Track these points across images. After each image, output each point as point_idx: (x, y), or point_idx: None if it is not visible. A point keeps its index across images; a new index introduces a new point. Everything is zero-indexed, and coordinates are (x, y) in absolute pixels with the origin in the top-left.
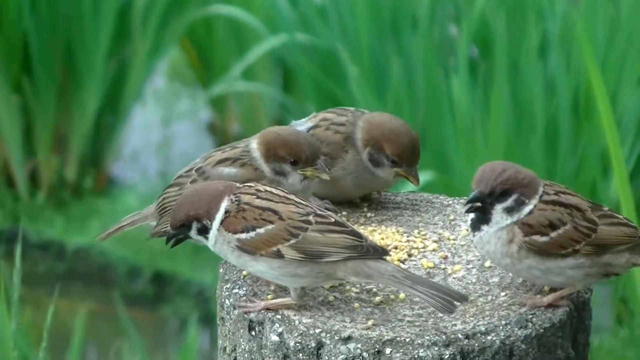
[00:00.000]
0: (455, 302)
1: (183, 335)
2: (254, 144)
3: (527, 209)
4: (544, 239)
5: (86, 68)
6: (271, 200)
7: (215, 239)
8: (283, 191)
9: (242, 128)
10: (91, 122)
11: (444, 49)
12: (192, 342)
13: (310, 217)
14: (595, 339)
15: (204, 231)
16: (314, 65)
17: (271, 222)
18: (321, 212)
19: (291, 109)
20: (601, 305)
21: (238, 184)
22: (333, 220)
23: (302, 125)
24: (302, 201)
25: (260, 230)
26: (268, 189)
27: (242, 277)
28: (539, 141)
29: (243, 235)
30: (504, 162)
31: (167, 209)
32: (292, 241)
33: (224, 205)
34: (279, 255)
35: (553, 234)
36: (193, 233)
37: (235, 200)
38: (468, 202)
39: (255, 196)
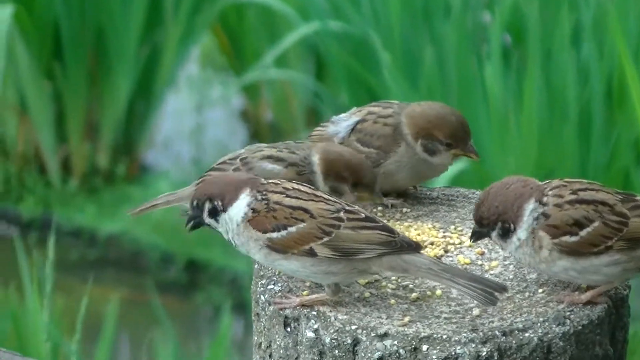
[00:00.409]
0: (496, 294)
1: (216, 324)
2: (315, 157)
3: (519, 232)
4: (574, 238)
5: (117, 54)
6: (300, 199)
7: (237, 233)
8: (310, 188)
9: (275, 116)
10: (123, 109)
11: (477, 36)
12: (226, 331)
13: (342, 214)
14: (632, 328)
15: (214, 213)
16: (346, 52)
17: (302, 221)
18: (350, 208)
19: (324, 97)
20: (638, 294)
21: (263, 180)
22: (364, 216)
23: (345, 120)
24: (330, 197)
25: (292, 229)
26: (295, 186)
27: (277, 272)
28: (572, 129)
29: (274, 235)
30: (495, 187)
31: None
32: (325, 239)
33: (245, 197)
34: (311, 253)
35: (583, 233)
36: (205, 215)
37: (264, 199)
38: (471, 236)
39: (284, 195)
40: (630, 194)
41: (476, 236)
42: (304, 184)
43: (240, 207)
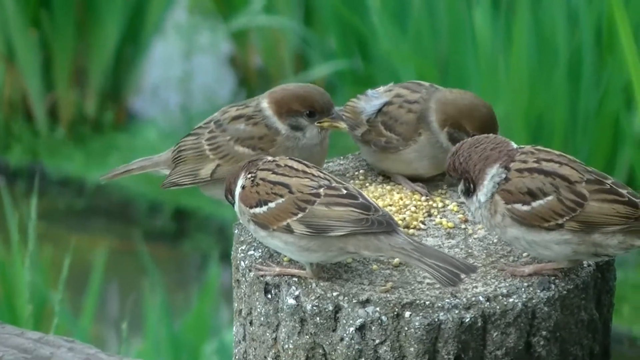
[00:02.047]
0: (461, 274)
1: (204, 272)
2: (264, 103)
3: (479, 194)
4: (525, 208)
5: (105, 1)
6: (286, 175)
7: (239, 212)
8: (304, 164)
9: (264, 62)
10: (111, 56)
11: None
12: (213, 280)
13: (321, 190)
14: (620, 273)
15: (232, 204)
16: None
17: (281, 196)
18: (336, 184)
19: (312, 42)
20: None
21: (266, 159)
22: (344, 192)
23: (377, 97)
24: (320, 174)
25: (272, 205)
26: (289, 163)
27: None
28: (562, 73)
29: (257, 210)
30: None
31: (181, 158)
32: (300, 215)
33: (242, 178)
34: (289, 229)
35: (534, 204)
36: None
37: (251, 176)
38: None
39: (271, 172)
40: (603, 176)
41: (450, 183)
42: (302, 162)
43: (238, 186)
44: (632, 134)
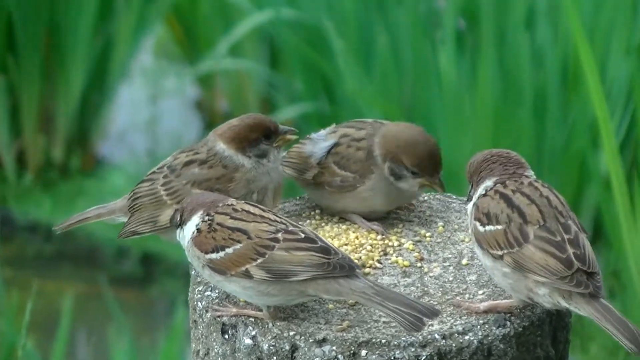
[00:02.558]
0: (424, 319)
1: (171, 316)
2: (220, 145)
3: (471, 202)
4: (480, 228)
5: (71, 46)
6: (244, 220)
7: (191, 255)
8: (261, 209)
9: (230, 105)
10: (77, 101)
11: (431, 21)
12: (180, 324)
13: (279, 235)
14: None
15: (177, 225)
16: (300, 41)
17: (239, 242)
18: (292, 228)
19: (278, 86)
20: None
21: (226, 201)
22: (303, 236)
23: (323, 139)
24: (277, 218)
25: (229, 250)
26: (246, 208)
27: None
28: (528, 112)
29: (214, 255)
30: (485, 152)
31: (138, 205)
32: (259, 260)
33: (197, 218)
34: (247, 275)
35: (487, 227)
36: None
37: (209, 220)
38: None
39: (229, 216)
40: (567, 228)
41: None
42: (258, 206)
43: (191, 227)
44: (599, 172)
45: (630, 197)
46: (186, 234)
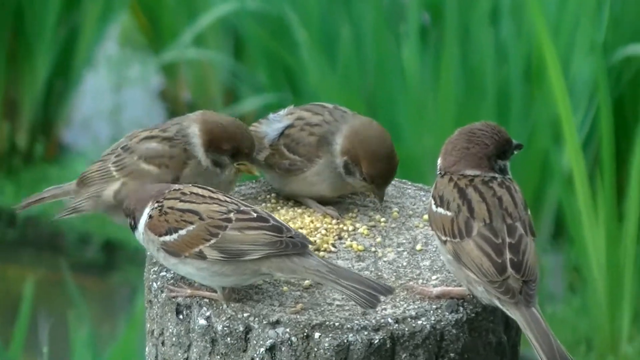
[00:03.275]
0: (379, 296)
1: (132, 303)
2: (194, 129)
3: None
4: (433, 207)
5: (36, 34)
6: (194, 202)
7: (143, 239)
8: (210, 190)
9: (193, 95)
10: (42, 88)
11: (395, 15)
12: (141, 310)
13: (231, 215)
14: (548, 307)
15: (133, 228)
16: (264, 32)
17: (192, 223)
18: (244, 208)
19: (242, 76)
20: (554, 274)
21: (171, 187)
22: (255, 215)
23: (279, 121)
24: (227, 198)
25: (182, 232)
26: (194, 190)
27: None
28: (490, 108)
29: (167, 238)
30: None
31: (86, 181)
32: (213, 241)
33: (147, 209)
34: (201, 256)
35: (438, 209)
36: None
37: (159, 205)
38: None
39: (178, 200)
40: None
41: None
42: (206, 188)
43: (144, 218)
44: (561, 170)
45: (592, 194)
46: (140, 227)
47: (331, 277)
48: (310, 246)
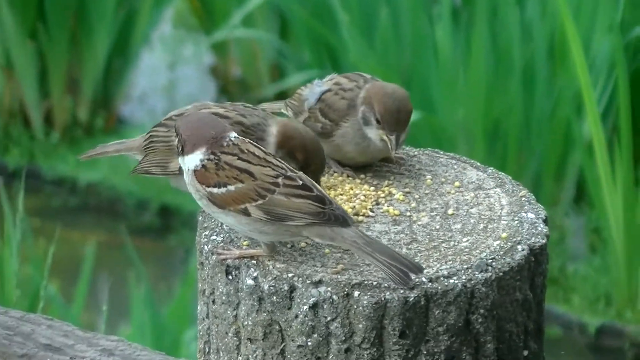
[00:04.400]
0: (411, 275)
1: (186, 265)
2: (273, 129)
3: None
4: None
5: (97, 15)
6: (250, 162)
7: (188, 179)
8: (266, 152)
9: (242, 72)
10: (102, 66)
11: None
12: (194, 271)
13: (279, 180)
14: (571, 266)
15: (178, 153)
16: (307, 13)
17: (242, 182)
18: (291, 174)
19: (287, 54)
20: (576, 235)
21: (231, 136)
22: (301, 183)
23: (320, 86)
24: (279, 163)
25: (231, 188)
26: (252, 149)
27: (219, 224)
28: (517, 83)
29: (215, 190)
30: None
31: (152, 148)
32: (259, 202)
33: (199, 154)
34: (245, 213)
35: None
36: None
37: (215, 159)
38: None
39: (236, 157)
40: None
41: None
42: (260, 147)
43: (194, 159)
44: (582, 138)
45: (610, 160)
46: (187, 163)
47: (367, 249)
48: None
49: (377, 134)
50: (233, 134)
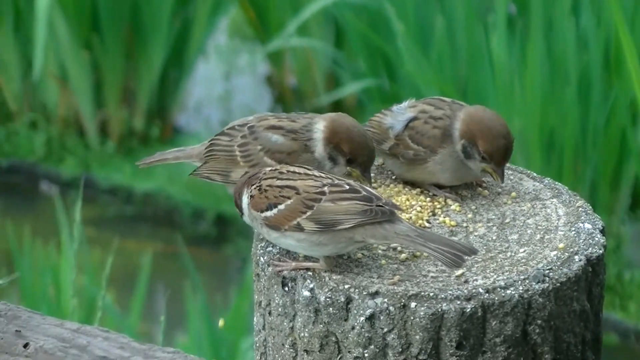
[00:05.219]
0: (464, 256)
1: (243, 274)
2: (320, 125)
3: None
4: None
5: (152, 26)
6: (291, 179)
7: (249, 219)
8: (305, 168)
9: (298, 81)
10: (157, 76)
11: (484, 6)
12: (250, 281)
13: (325, 188)
14: (627, 274)
15: (241, 215)
16: (362, 22)
17: (289, 198)
18: (338, 182)
19: (342, 63)
20: (632, 242)
21: (264, 170)
22: (347, 187)
23: (403, 113)
24: (322, 174)
25: (281, 207)
26: (290, 169)
27: None
28: (572, 93)
29: (268, 213)
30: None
31: (214, 156)
32: (309, 213)
33: (246, 193)
34: (299, 228)
35: None
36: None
37: (256, 187)
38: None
39: (275, 178)
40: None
41: None
42: (302, 166)
43: (245, 201)
44: (638, 147)
45: None
46: (244, 209)
47: (419, 240)
48: (398, 212)
49: (481, 167)
50: (268, 168)
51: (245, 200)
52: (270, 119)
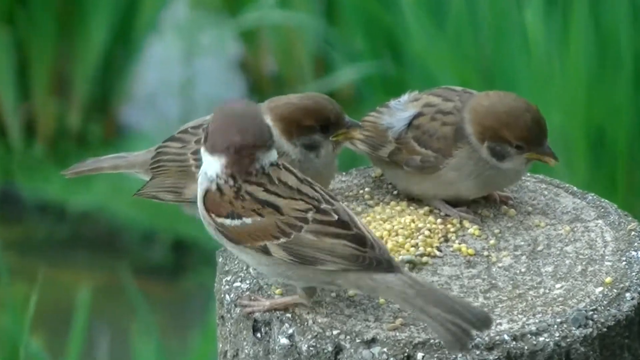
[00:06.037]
0: (471, 331)
1: (206, 313)
2: (267, 121)
3: None
4: None
5: None
6: (278, 195)
7: (199, 211)
8: (302, 180)
9: (278, 65)
10: (98, 59)
11: None
12: (215, 324)
13: (309, 215)
14: None
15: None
16: None
17: (261, 215)
18: (325, 207)
19: (335, 43)
20: None
21: (264, 162)
22: (336, 218)
23: (403, 109)
24: (317, 193)
25: (247, 221)
26: (284, 178)
27: (245, 268)
28: (626, 78)
29: (227, 221)
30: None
31: (162, 168)
32: (282, 240)
33: (220, 165)
34: (265, 251)
35: None
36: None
37: (236, 186)
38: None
39: (262, 188)
40: None
41: None
42: (299, 175)
43: (212, 168)
44: None
45: None
46: (206, 168)
47: (418, 303)
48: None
49: (522, 160)
50: (270, 159)
51: (210, 173)
52: None
